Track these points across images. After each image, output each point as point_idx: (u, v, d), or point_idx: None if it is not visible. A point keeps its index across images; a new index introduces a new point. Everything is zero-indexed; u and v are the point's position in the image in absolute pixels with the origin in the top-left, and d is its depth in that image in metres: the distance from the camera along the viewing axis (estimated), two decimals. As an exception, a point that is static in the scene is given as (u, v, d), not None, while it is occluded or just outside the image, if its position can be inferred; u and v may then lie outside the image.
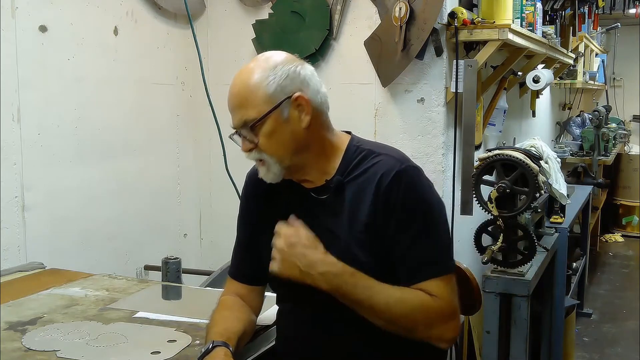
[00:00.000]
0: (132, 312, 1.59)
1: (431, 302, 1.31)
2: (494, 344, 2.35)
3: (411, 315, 1.30)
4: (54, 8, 2.23)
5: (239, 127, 1.35)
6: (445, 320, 1.33)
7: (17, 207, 2.13)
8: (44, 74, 2.20)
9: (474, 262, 2.80)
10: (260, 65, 1.35)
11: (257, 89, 1.32)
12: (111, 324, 1.51)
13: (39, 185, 2.20)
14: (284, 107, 1.33)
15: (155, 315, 1.57)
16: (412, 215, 1.34)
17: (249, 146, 1.35)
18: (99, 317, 1.56)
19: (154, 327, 1.51)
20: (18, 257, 2.11)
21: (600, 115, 5.64)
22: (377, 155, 1.39)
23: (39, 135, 2.19)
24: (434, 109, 2.59)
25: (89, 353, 1.35)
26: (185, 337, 1.44)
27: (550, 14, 4.33)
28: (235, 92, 1.35)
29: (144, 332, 1.48)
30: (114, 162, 2.52)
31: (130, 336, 1.45)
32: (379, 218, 1.34)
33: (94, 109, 2.41)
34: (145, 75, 2.67)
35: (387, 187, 1.33)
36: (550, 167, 2.85)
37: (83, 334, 1.45)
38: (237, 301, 1.48)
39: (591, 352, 3.85)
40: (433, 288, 1.32)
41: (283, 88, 1.33)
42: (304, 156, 1.38)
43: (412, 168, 1.37)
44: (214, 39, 2.94)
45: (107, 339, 1.43)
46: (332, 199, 1.38)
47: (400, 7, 2.45)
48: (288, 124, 1.34)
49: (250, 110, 1.32)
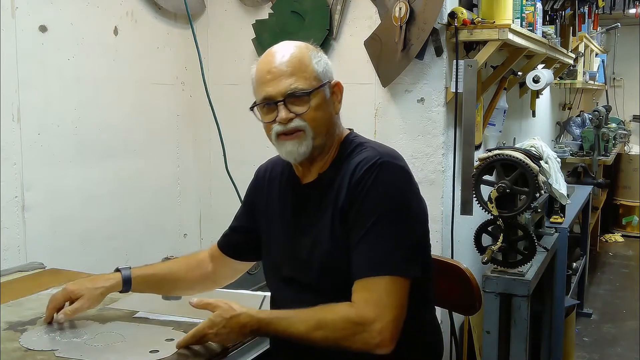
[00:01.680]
0: (132, 312, 1.59)
1: (348, 313, 1.28)
2: (494, 344, 2.35)
3: (332, 334, 1.28)
4: (54, 8, 2.23)
5: (285, 95, 1.35)
6: (365, 326, 1.26)
7: (17, 207, 2.13)
8: (44, 74, 2.20)
9: (474, 262, 2.80)
10: (304, 45, 1.42)
11: (308, 62, 1.38)
12: (108, 323, 1.51)
13: (39, 185, 2.20)
14: (327, 88, 1.41)
15: (154, 315, 1.57)
16: (372, 209, 1.32)
17: (290, 115, 1.36)
18: (99, 316, 1.56)
19: (152, 326, 1.51)
20: (18, 257, 2.11)
21: (600, 115, 5.64)
22: (364, 149, 1.42)
23: (39, 135, 2.20)
24: (434, 109, 2.59)
25: (87, 352, 1.35)
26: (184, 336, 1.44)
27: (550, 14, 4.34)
28: (285, 61, 1.37)
29: (142, 331, 1.48)
30: (114, 162, 2.53)
31: (129, 335, 1.45)
32: (348, 206, 1.36)
33: (94, 109, 2.42)
34: (145, 75, 2.67)
35: (359, 176, 1.35)
36: (550, 167, 2.85)
37: (81, 334, 1.45)
38: (200, 256, 1.68)
39: (591, 352, 3.84)
40: (362, 291, 1.29)
41: (326, 71, 1.41)
42: (328, 142, 1.42)
43: (389, 163, 1.36)
44: (214, 39, 2.94)
45: (105, 338, 1.43)
46: (323, 194, 1.42)
47: (400, 7, 2.45)
48: (328, 105, 1.41)
49: (302, 81, 1.36)
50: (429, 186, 2.58)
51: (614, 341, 4.04)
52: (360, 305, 1.28)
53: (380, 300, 1.28)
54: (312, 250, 1.41)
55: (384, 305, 1.28)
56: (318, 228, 1.40)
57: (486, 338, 2.36)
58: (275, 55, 1.38)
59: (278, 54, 1.38)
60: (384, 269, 1.30)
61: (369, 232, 1.31)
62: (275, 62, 1.37)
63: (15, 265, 2.03)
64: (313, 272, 1.41)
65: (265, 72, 1.37)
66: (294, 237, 1.46)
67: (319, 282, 1.41)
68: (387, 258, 1.30)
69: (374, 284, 1.29)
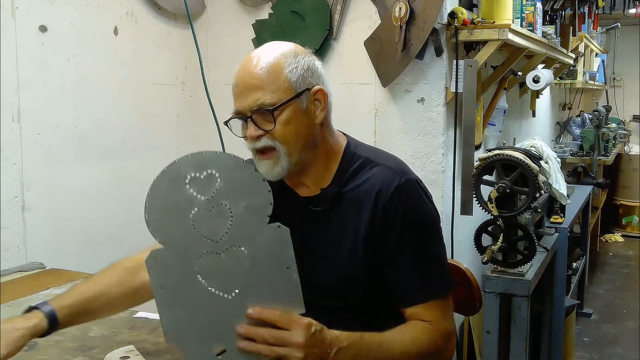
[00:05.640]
0: (132, 312, 1.59)
1: (433, 331, 1.30)
2: (494, 344, 2.35)
3: (423, 354, 1.28)
4: (54, 8, 2.23)
5: (252, 111, 1.24)
6: (446, 343, 1.32)
7: (17, 207, 2.13)
8: (44, 74, 2.20)
9: (474, 262, 2.80)
10: (280, 50, 1.28)
11: (279, 73, 1.24)
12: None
13: (39, 185, 2.20)
14: (303, 98, 1.27)
15: (155, 315, 1.57)
16: (411, 234, 1.30)
17: (258, 132, 1.25)
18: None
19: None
20: (18, 257, 2.11)
21: (600, 115, 5.64)
22: (375, 165, 1.34)
23: (39, 135, 2.19)
24: (434, 109, 2.59)
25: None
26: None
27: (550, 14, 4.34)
28: (254, 72, 1.24)
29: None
30: (114, 162, 2.52)
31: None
32: (377, 234, 1.29)
33: (94, 109, 2.41)
34: (145, 75, 2.67)
35: (386, 202, 1.29)
36: (550, 167, 2.85)
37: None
38: (128, 264, 1.42)
39: (591, 352, 3.85)
40: (427, 311, 1.31)
41: (305, 79, 1.27)
42: (309, 156, 1.31)
43: (411, 182, 1.33)
44: (214, 39, 2.94)
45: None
46: (328, 211, 1.33)
47: (400, 7, 2.45)
48: (305, 116, 1.27)
49: (269, 94, 1.23)
50: (429, 186, 2.53)
51: (614, 341, 4.04)
52: (439, 321, 1.31)
53: (449, 322, 1.34)
54: (327, 274, 1.34)
55: (452, 325, 1.35)
56: (334, 251, 1.33)
57: (486, 338, 2.36)
58: (247, 66, 1.26)
59: (250, 63, 1.26)
60: (442, 291, 1.34)
61: (416, 257, 1.31)
62: (244, 74, 1.26)
63: (15, 265, 2.03)
64: (328, 293, 1.34)
65: (235, 84, 1.27)
66: (302, 257, 1.21)
67: (333, 303, 1.34)
68: (440, 278, 1.34)
69: (435, 308, 1.32)
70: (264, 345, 1.08)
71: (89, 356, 1.36)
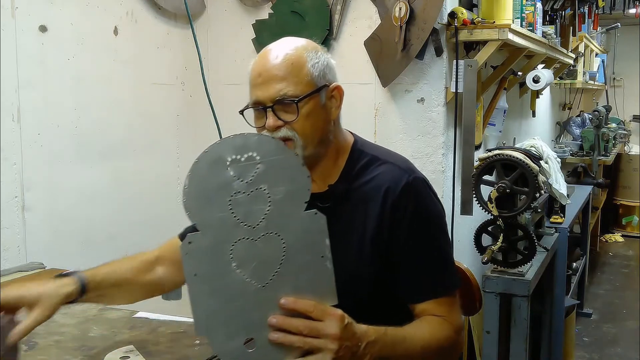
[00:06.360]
0: (132, 312, 1.59)
1: (447, 326, 1.32)
2: (494, 344, 2.35)
3: (440, 348, 1.30)
4: (54, 8, 2.23)
5: (273, 101, 1.25)
6: (458, 337, 1.34)
7: (17, 207, 2.13)
8: (44, 74, 2.20)
9: (474, 262, 2.80)
10: (301, 44, 1.31)
11: (302, 66, 1.27)
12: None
13: (39, 185, 2.20)
14: (322, 93, 1.30)
15: (155, 315, 1.57)
16: (420, 231, 1.31)
17: (278, 123, 1.26)
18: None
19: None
20: (18, 257, 2.11)
21: (600, 115, 5.64)
22: (382, 163, 1.36)
23: (39, 135, 2.19)
24: (434, 109, 2.59)
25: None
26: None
27: (550, 14, 4.34)
28: (277, 64, 1.26)
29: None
30: (114, 162, 2.52)
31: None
32: (385, 231, 1.30)
33: (94, 109, 2.41)
34: (145, 75, 2.67)
35: (395, 199, 1.30)
36: (550, 167, 2.85)
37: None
38: (145, 257, 1.49)
39: (591, 352, 3.85)
40: (438, 306, 1.32)
41: (324, 75, 1.30)
42: (321, 151, 1.33)
43: (419, 180, 1.35)
44: (214, 38, 2.94)
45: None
46: (335, 208, 1.32)
47: (400, 7, 2.45)
48: (323, 111, 1.30)
49: (293, 86, 1.25)
50: (429, 186, 2.58)
51: (614, 341, 4.04)
52: (452, 316, 1.34)
53: (458, 309, 1.37)
54: (335, 270, 1.30)
55: (459, 313, 1.38)
56: (341, 247, 1.29)
57: (486, 338, 2.36)
58: (269, 56, 1.28)
59: (272, 54, 1.28)
60: (451, 286, 1.36)
61: (425, 255, 1.32)
62: (267, 65, 1.28)
63: (15, 265, 2.02)
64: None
65: (256, 74, 1.29)
66: None
67: (340, 299, 1.30)
68: (448, 275, 1.36)
69: (444, 304, 1.34)
70: (297, 336, 1.05)
71: (89, 356, 1.36)
